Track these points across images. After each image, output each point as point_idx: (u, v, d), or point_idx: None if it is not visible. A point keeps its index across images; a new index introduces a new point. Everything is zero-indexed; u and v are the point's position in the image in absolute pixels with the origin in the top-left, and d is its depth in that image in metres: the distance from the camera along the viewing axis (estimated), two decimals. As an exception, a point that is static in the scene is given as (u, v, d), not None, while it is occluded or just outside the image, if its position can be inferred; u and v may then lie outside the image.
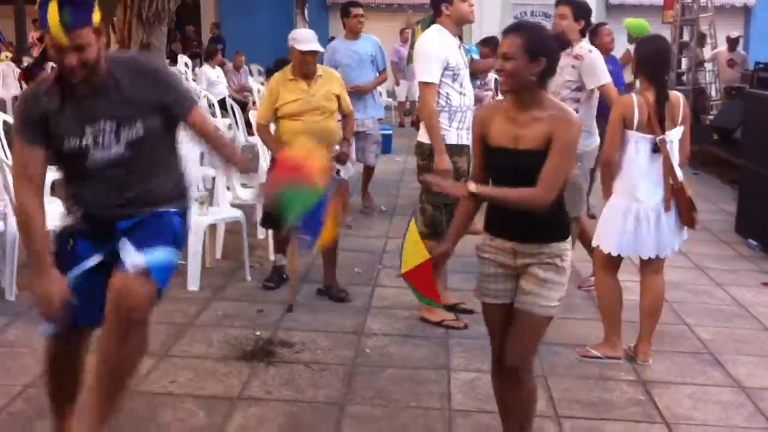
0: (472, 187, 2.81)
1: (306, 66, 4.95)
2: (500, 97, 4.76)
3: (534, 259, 2.83)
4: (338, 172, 4.91)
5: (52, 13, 2.54)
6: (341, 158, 5.04)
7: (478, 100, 4.78)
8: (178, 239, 2.88)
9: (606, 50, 6.38)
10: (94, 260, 2.80)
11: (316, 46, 4.95)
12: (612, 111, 4.05)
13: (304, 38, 4.94)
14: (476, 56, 6.70)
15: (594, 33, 6.45)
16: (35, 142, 2.71)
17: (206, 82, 11.14)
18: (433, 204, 4.51)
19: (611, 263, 4.15)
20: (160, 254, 2.74)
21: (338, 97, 5.04)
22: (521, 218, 2.80)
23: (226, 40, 16.63)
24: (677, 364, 4.20)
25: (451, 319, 4.59)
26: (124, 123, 2.73)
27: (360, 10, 7.28)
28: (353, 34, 7.18)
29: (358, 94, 6.66)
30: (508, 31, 2.81)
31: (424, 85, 4.41)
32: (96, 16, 2.66)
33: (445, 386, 3.85)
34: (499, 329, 2.97)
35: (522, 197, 2.75)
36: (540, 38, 2.79)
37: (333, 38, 21.39)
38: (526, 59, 2.72)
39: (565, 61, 4.58)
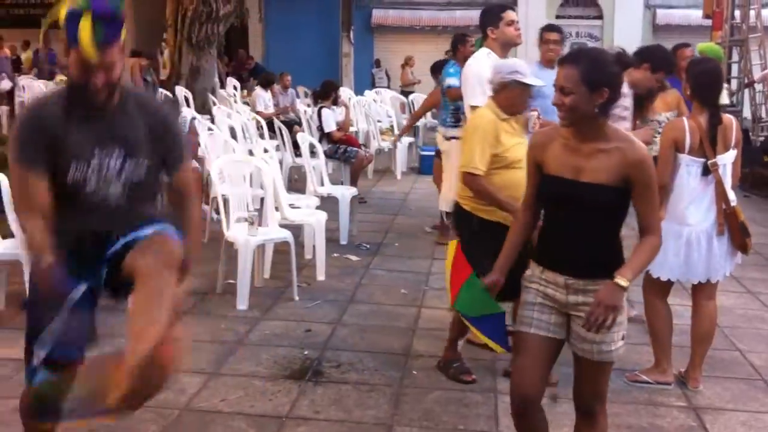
0: (624, 282, 2.57)
1: (525, 104, 4.13)
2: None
3: (588, 298, 2.65)
4: None
5: (85, 29, 2.45)
6: None
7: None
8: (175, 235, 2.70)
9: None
10: (81, 289, 2.62)
11: (541, 81, 4.14)
12: (663, 134, 4.03)
13: (528, 71, 4.06)
14: None
15: (674, 54, 6.34)
16: (38, 167, 2.52)
17: (263, 105, 11.29)
18: None
19: (662, 288, 4.11)
20: (162, 226, 2.64)
21: None
22: (579, 252, 2.68)
23: (271, 63, 16.89)
24: (729, 391, 4.13)
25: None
26: (131, 155, 2.64)
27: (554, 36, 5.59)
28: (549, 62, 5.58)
29: None
30: (564, 62, 2.66)
31: (473, 109, 4.41)
32: (123, 33, 2.57)
33: (492, 409, 3.84)
34: (527, 366, 2.75)
35: (653, 254, 2.69)
36: (600, 66, 2.61)
37: (378, 60, 21.43)
38: (586, 91, 2.57)
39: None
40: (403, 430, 3.62)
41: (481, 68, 4.47)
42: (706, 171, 3.91)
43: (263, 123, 9.74)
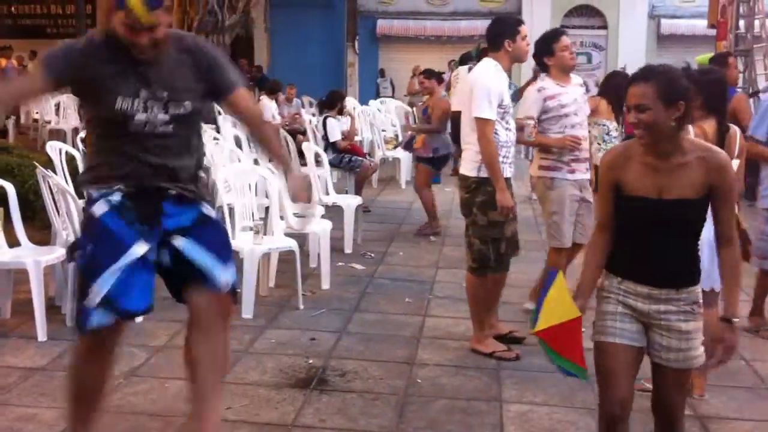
0: (735, 319, 2.68)
1: None
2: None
3: (671, 306, 2.69)
4: None
5: None
6: None
7: (519, 128, 4.80)
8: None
9: (733, 82, 6.26)
10: (139, 249, 2.81)
11: None
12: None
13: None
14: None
15: (721, 63, 6.35)
16: (54, 75, 2.75)
17: (269, 113, 11.36)
18: (480, 238, 4.50)
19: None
20: (232, 268, 2.98)
21: None
22: (661, 265, 2.68)
23: (277, 72, 16.94)
24: (735, 400, 4.13)
25: (503, 350, 4.58)
26: (174, 98, 2.83)
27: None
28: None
29: None
30: (636, 80, 2.64)
31: (484, 122, 4.35)
32: None
33: (498, 418, 3.84)
34: (618, 374, 2.75)
35: (737, 269, 2.73)
36: (673, 81, 2.62)
37: (383, 70, 21.46)
38: (662, 107, 2.57)
39: None
40: (408, 438, 3.62)
41: (491, 81, 4.43)
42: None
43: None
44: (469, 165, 4.49)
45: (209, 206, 3.04)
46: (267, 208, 6.13)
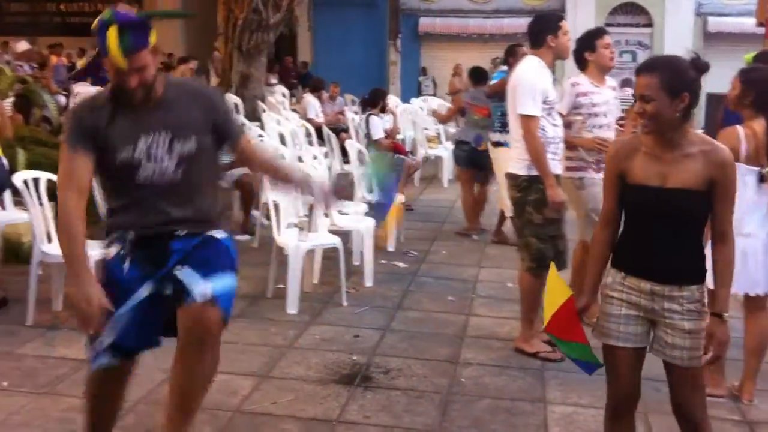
0: (725, 314, 2.72)
1: None
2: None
3: (674, 304, 2.71)
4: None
5: (112, 38, 2.64)
6: None
7: (567, 125, 4.78)
8: (235, 263, 2.94)
9: None
10: (145, 290, 2.82)
11: None
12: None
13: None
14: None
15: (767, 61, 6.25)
16: (84, 150, 2.76)
17: (313, 111, 11.44)
18: (538, 237, 4.47)
19: (715, 300, 4.05)
20: (224, 281, 2.81)
21: None
22: (664, 259, 2.70)
23: (319, 71, 17.03)
24: (785, 405, 4.06)
25: (548, 350, 4.56)
26: (178, 136, 2.81)
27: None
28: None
29: None
30: (642, 71, 2.68)
31: (529, 118, 4.37)
32: (153, 37, 2.75)
33: (542, 419, 3.83)
34: (624, 374, 2.82)
35: (730, 266, 2.75)
36: (678, 72, 2.64)
37: (425, 68, 21.44)
38: (667, 98, 2.61)
39: None
40: (452, 437, 3.63)
41: (535, 79, 4.43)
42: (762, 180, 3.86)
43: (312, 130, 9.84)
44: (519, 164, 4.49)
45: (221, 230, 2.97)
46: (311, 206, 6.16)
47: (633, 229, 2.81)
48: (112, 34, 2.65)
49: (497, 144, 7.26)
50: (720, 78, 7.67)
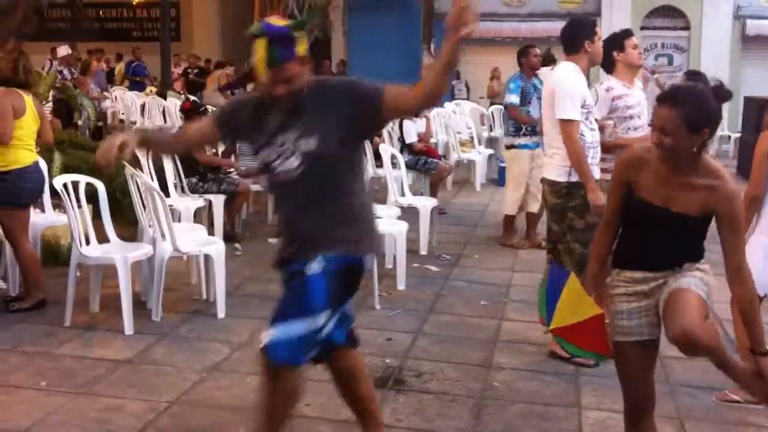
0: (765, 353, 2.70)
1: None
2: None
3: (668, 277, 2.76)
4: None
5: (260, 50, 2.74)
6: None
7: (599, 129, 4.76)
8: (312, 308, 2.84)
9: None
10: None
11: None
12: (758, 146, 3.94)
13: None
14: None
15: None
16: (216, 125, 3.07)
17: None
18: (580, 242, 4.42)
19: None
20: (288, 330, 2.82)
21: None
22: (660, 259, 2.76)
23: (355, 75, 17.07)
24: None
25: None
26: (307, 132, 2.85)
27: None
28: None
29: None
30: (663, 102, 2.66)
31: (568, 123, 4.38)
32: (301, 48, 2.81)
33: (576, 424, 3.80)
34: (634, 371, 2.83)
35: (756, 305, 2.75)
36: (700, 107, 2.62)
37: (458, 72, 21.29)
38: (686, 133, 2.60)
39: None
40: (484, 441, 3.62)
41: (573, 84, 4.45)
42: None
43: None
44: (559, 170, 4.48)
45: (321, 259, 2.86)
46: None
47: (632, 234, 2.84)
48: (261, 46, 2.74)
49: (510, 147, 7.64)
50: (758, 82, 7.55)
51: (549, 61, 8.03)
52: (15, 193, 5.10)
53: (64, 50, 14.09)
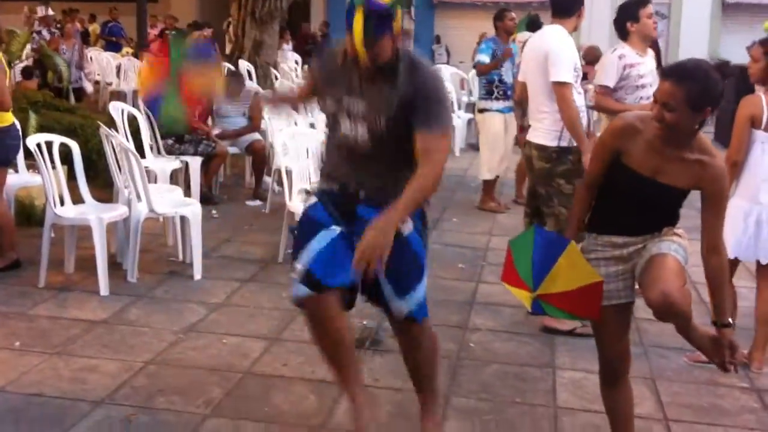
0: (727, 325, 2.74)
1: None
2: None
3: (647, 242, 2.76)
4: None
5: (357, 24, 2.67)
6: None
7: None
8: (423, 269, 3.03)
9: None
10: (339, 228, 2.87)
11: None
12: (739, 110, 3.93)
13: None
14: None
15: None
16: (311, 73, 3.16)
17: None
18: (567, 207, 4.41)
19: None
20: (417, 296, 2.99)
21: None
22: (638, 227, 2.76)
23: (334, 37, 16.91)
24: (794, 374, 4.05)
25: (581, 326, 4.44)
26: (371, 113, 2.79)
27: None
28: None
29: None
30: (668, 77, 2.58)
31: (564, 86, 4.34)
32: (397, 24, 2.75)
33: (551, 384, 3.84)
34: (612, 334, 2.85)
35: (725, 277, 2.78)
36: (705, 87, 2.55)
37: (439, 37, 21.24)
38: (689, 111, 2.54)
39: None
40: (460, 401, 3.65)
41: (565, 47, 4.43)
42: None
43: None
44: (549, 134, 4.45)
45: (408, 220, 2.90)
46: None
47: (613, 200, 2.80)
48: (358, 20, 2.67)
49: (483, 110, 7.68)
50: (738, 49, 7.57)
51: (536, 26, 7.96)
52: (3, 151, 5.05)
53: (42, 11, 13.86)
